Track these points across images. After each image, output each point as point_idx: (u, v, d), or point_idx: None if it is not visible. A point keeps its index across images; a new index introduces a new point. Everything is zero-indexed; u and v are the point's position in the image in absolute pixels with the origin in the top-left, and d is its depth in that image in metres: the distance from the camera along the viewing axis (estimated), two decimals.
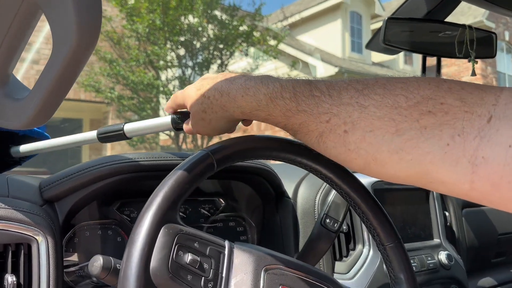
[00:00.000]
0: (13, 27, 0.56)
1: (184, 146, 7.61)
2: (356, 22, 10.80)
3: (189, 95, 0.63)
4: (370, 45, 1.13)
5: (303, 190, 0.99)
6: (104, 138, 0.75)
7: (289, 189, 1.00)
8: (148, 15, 6.86)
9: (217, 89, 0.59)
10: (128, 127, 0.73)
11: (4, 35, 0.57)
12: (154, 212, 0.51)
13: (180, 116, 0.70)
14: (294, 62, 8.18)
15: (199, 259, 0.52)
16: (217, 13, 7.52)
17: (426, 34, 1.06)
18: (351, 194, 0.70)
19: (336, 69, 8.66)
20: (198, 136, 7.60)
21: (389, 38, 0.97)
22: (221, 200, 0.99)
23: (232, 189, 0.99)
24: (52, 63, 0.56)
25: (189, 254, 0.52)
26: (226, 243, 0.57)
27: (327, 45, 10.57)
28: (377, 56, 11.57)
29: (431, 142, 0.41)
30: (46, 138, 0.88)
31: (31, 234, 0.68)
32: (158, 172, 0.81)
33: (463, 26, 1.00)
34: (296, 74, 8.52)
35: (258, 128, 10.32)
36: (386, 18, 0.95)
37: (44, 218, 0.70)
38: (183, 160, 0.85)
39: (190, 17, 7.32)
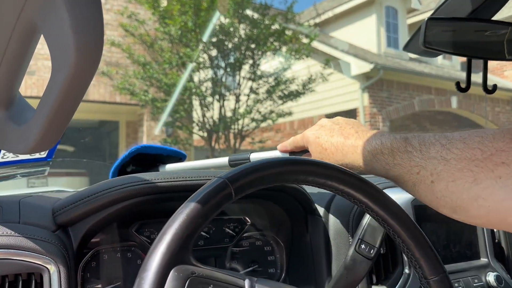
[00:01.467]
0: (11, 47, 0.52)
1: (216, 147, 7.61)
2: (392, 17, 10.47)
3: (309, 141, 0.75)
4: (408, 47, 1.04)
5: (336, 208, 0.92)
6: (234, 164, 0.90)
7: (320, 207, 0.93)
8: (180, 17, 6.89)
9: (333, 144, 0.70)
10: (253, 156, 0.88)
11: (2, 54, 0.53)
12: (162, 254, 0.45)
13: (296, 153, 0.83)
14: (327, 60, 8.01)
15: None
16: (249, 12, 7.47)
17: (471, 35, 0.95)
18: (389, 221, 0.62)
19: (371, 66, 8.42)
20: (231, 136, 7.59)
21: (429, 41, 0.88)
22: (247, 218, 0.93)
23: (258, 207, 0.93)
24: (52, 86, 0.51)
25: None
26: (246, 283, 0.51)
27: (362, 41, 10.31)
28: None
29: (505, 191, 0.46)
30: (185, 157, 1.02)
31: (42, 264, 0.64)
32: (176, 193, 0.76)
33: None
34: (329, 72, 8.35)
35: (291, 127, 10.22)
36: (426, 19, 0.86)
37: (56, 246, 0.66)
38: (202, 180, 0.79)
39: (222, 18, 7.31)
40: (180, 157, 1.00)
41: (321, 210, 0.93)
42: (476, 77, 0.92)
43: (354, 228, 0.89)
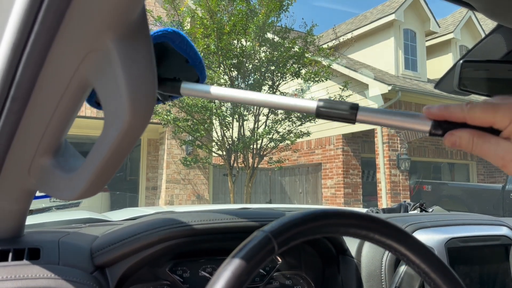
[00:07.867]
0: (63, 101, 0.54)
1: (235, 165, 7.62)
2: (411, 40, 10.47)
3: None
4: (440, 86, 1.04)
5: (368, 249, 0.91)
6: (327, 114, 0.52)
7: (351, 247, 0.92)
8: (203, 40, 7.00)
9: None
10: (362, 112, 0.51)
11: (55, 108, 0.54)
12: None
13: (447, 125, 0.49)
14: (346, 83, 8.01)
15: None
16: (269, 35, 7.55)
17: (505, 75, 0.95)
18: (431, 275, 0.61)
19: (389, 87, 8.41)
20: (250, 155, 7.60)
21: (464, 83, 0.88)
22: (278, 257, 0.93)
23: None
24: (103, 138, 0.52)
25: None
26: None
27: (380, 63, 10.31)
28: (433, 73, 11.14)
29: None
30: (204, 79, 0.68)
31: None
32: (212, 235, 0.76)
33: None
34: (348, 94, 8.34)
35: (308, 147, 10.19)
36: (461, 62, 0.86)
37: None
38: (238, 222, 0.80)
39: (243, 41, 7.40)
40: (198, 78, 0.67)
41: (353, 251, 0.92)
42: None
43: (388, 271, 0.87)
